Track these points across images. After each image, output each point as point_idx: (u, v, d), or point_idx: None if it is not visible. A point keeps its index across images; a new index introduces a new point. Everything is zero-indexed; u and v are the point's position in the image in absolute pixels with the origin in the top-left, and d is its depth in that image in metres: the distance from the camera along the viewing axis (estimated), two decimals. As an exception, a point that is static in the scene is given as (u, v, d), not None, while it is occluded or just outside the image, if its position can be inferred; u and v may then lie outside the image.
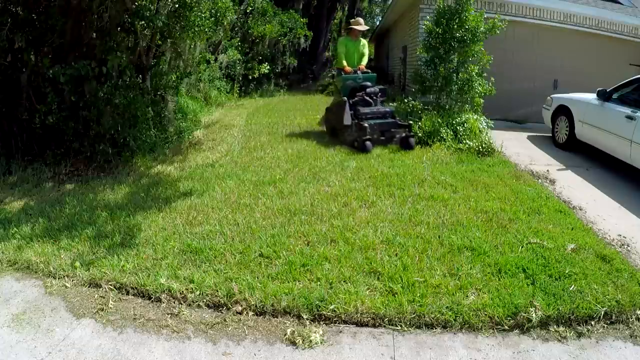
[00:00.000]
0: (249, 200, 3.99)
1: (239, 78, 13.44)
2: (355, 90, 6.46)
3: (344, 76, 6.54)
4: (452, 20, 6.70)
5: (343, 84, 6.51)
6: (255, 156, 5.71)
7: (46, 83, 5.13)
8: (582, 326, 2.36)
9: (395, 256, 2.94)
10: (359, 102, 6.30)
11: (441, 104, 7.14)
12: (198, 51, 7.38)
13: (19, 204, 4.01)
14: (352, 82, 6.49)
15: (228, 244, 3.12)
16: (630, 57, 9.10)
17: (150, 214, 3.69)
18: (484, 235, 3.25)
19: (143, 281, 2.66)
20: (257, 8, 13.20)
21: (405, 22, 11.05)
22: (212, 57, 10.65)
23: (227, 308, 2.48)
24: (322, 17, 20.48)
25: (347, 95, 6.37)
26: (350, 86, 6.48)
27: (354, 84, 6.48)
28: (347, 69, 6.59)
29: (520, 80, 9.00)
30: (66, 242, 3.17)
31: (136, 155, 5.47)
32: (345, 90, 6.45)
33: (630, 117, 4.85)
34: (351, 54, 6.82)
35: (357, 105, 6.27)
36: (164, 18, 5.65)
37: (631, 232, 3.58)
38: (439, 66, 6.91)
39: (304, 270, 2.76)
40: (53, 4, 5.26)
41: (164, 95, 6.85)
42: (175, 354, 2.15)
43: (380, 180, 4.58)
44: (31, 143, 5.36)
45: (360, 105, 6.28)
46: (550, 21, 8.82)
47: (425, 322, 2.35)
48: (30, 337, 2.25)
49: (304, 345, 2.20)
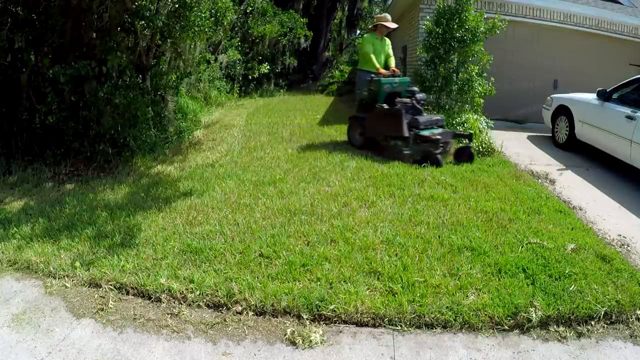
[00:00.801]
0: (249, 200, 3.99)
1: (239, 78, 13.44)
2: (392, 96, 5.70)
3: (383, 80, 5.70)
4: (452, 20, 6.70)
5: (380, 89, 5.66)
6: (255, 156, 5.71)
7: (46, 83, 5.13)
8: (582, 326, 2.36)
9: (395, 256, 2.94)
10: (409, 109, 5.54)
11: (441, 104, 7.14)
12: (198, 51, 7.38)
13: (19, 204, 4.01)
14: (389, 86, 5.72)
15: (228, 244, 3.12)
16: (630, 57, 9.10)
17: (150, 214, 3.69)
18: (484, 235, 3.25)
19: (143, 281, 2.66)
20: (257, 8, 13.20)
21: (405, 22, 11.05)
22: (212, 57, 10.65)
23: (227, 308, 2.48)
24: (322, 17, 20.47)
25: (384, 101, 5.65)
26: (388, 91, 5.69)
27: (391, 89, 5.73)
28: (383, 71, 5.84)
29: (520, 80, 9.00)
30: (66, 242, 3.17)
31: (136, 155, 5.47)
32: (382, 96, 5.67)
33: (630, 117, 4.85)
34: (378, 54, 6.04)
35: (408, 113, 5.50)
36: (164, 18, 5.65)
37: (631, 232, 3.58)
38: (439, 66, 6.91)
39: (304, 270, 2.76)
40: (53, 4, 5.26)
41: (164, 95, 6.84)
42: (175, 354, 2.15)
43: (380, 180, 4.58)
44: (31, 143, 5.36)
45: (412, 114, 5.54)
46: (550, 21, 8.82)
47: (425, 322, 2.35)
48: (30, 337, 2.25)
49: (304, 345, 2.20)
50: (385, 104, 5.60)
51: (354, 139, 6.28)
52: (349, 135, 6.42)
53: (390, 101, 5.64)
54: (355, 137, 6.25)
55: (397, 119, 5.31)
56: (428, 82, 7.21)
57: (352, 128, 6.36)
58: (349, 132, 6.43)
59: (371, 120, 5.79)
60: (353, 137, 6.30)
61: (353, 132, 6.32)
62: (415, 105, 5.61)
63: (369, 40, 6.07)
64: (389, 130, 5.46)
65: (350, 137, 6.37)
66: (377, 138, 5.75)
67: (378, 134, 5.70)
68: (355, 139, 6.24)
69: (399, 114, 5.31)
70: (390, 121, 5.42)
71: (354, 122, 6.32)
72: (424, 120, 5.47)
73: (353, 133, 6.31)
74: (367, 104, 5.95)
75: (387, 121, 5.49)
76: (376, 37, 6.10)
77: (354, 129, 6.30)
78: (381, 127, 5.61)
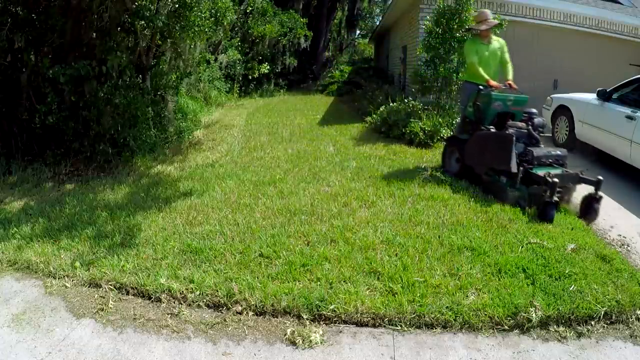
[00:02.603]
0: (249, 200, 3.99)
1: (239, 78, 13.46)
2: (503, 117, 4.54)
3: (494, 95, 4.43)
4: (452, 20, 6.70)
5: (488, 106, 4.45)
6: (255, 156, 5.71)
7: (46, 83, 5.13)
8: (582, 326, 2.36)
9: (395, 256, 2.94)
10: (522, 137, 4.31)
11: (441, 104, 7.14)
12: (198, 51, 7.38)
13: (19, 204, 4.01)
14: (500, 104, 4.45)
15: (228, 244, 3.12)
16: (630, 57, 9.10)
17: (150, 214, 3.69)
18: (484, 235, 3.25)
19: (143, 281, 2.66)
20: (257, 8, 13.22)
21: (405, 22, 11.05)
22: (212, 57, 10.66)
23: (227, 308, 2.48)
24: (322, 17, 20.48)
25: (491, 123, 4.49)
26: (498, 110, 4.47)
27: (502, 108, 4.48)
28: (494, 83, 4.53)
29: (520, 80, 8.95)
30: (66, 242, 3.17)
31: (136, 155, 5.47)
32: (490, 115, 4.49)
33: (630, 117, 4.85)
34: (485, 62, 4.74)
35: (519, 142, 4.25)
36: (164, 18, 5.65)
37: (631, 232, 3.58)
38: (439, 66, 6.91)
39: (304, 270, 2.76)
40: (53, 4, 5.27)
41: (164, 95, 6.85)
42: (175, 354, 2.15)
43: (380, 180, 4.58)
44: (31, 143, 5.36)
45: (525, 143, 4.29)
46: (550, 21, 8.83)
47: (425, 322, 2.34)
48: (30, 337, 2.25)
49: (304, 345, 2.20)
50: (492, 126, 4.41)
51: (449, 164, 4.99)
52: (444, 159, 5.12)
53: (499, 123, 4.49)
54: (451, 162, 4.97)
55: (505, 147, 4.03)
56: (428, 82, 7.22)
57: (448, 151, 5.07)
58: (444, 156, 5.13)
59: (472, 145, 4.47)
60: (448, 163, 5.03)
61: (449, 156, 5.03)
62: (531, 133, 4.34)
63: (471, 47, 4.80)
64: (493, 161, 4.20)
65: (445, 162, 5.09)
66: (476, 169, 4.45)
67: (478, 163, 4.39)
68: (451, 166, 4.95)
69: (509, 142, 4.03)
70: (496, 149, 4.14)
71: (451, 144, 5.03)
72: (541, 154, 4.17)
73: (449, 157, 5.04)
74: (470, 123, 4.76)
75: (491, 149, 4.21)
76: (480, 42, 4.80)
77: (450, 153, 5.02)
78: (483, 155, 4.31)
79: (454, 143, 4.96)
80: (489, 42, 4.81)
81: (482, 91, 4.49)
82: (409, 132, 6.52)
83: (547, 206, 3.62)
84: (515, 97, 4.56)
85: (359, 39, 28.83)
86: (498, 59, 4.84)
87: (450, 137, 5.28)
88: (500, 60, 4.86)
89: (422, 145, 6.30)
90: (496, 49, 4.83)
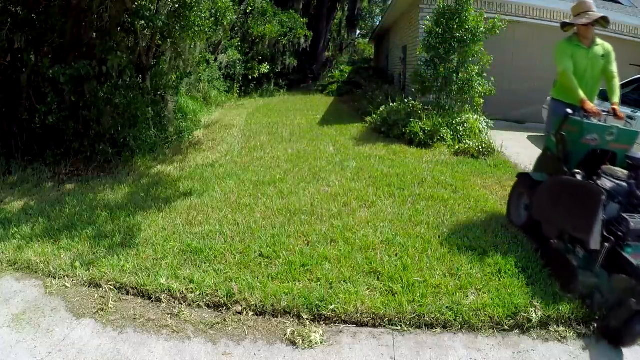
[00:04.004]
0: (249, 200, 3.99)
1: (239, 78, 13.46)
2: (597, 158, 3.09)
3: (588, 123, 3.06)
4: (452, 20, 6.71)
5: (577, 139, 3.07)
6: (255, 156, 5.71)
7: (46, 83, 5.14)
8: (582, 326, 2.36)
9: (395, 256, 2.94)
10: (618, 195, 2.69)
11: (441, 104, 7.14)
12: (198, 51, 7.39)
13: (19, 204, 4.01)
14: (596, 138, 3.03)
15: (228, 244, 3.12)
16: (630, 57, 9.09)
17: (150, 214, 3.69)
18: (484, 235, 3.25)
19: (143, 281, 2.66)
20: (257, 8, 13.24)
21: (405, 22, 11.05)
22: (212, 57, 10.66)
23: (227, 308, 2.48)
24: (322, 17, 20.49)
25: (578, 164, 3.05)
26: (592, 146, 3.06)
27: (599, 143, 3.05)
28: (591, 106, 3.13)
29: (520, 80, 9.01)
30: (66, 242, 3.17)
31: (136, 155, 5.47)
32: (578, 153, 3.10)
33: (630, 117, 4.84)
34: (581, 73, 3.41)
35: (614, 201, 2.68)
36: (164, 18, 5.66)
37: (631, 232, 3.56)
38: (439, 66, 6.92)
39: (304, 270, 2.76)
40: (53, 4, 5.27)
41: (164, 95, 6.85)
42: (175, 354, 2.15)
43: (380, 180, 4.58)
44: (31, 143, 5.36)
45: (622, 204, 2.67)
46: (550, 21, 8.83)
47: (425, 322, 2.34)
48: (30, 337, 2.25)
49: (304, 345, 2.20)
50: (578, 169, 2.97)
51: (515, 212, 3.58)
52: (509, 204, 3.68)
53: (591, 167, 3.03)
54: (519, 210, 3.56)
55: (589, 207, 2.57)
56: (428, 82, 7.22)
57: (516, 193, 3.63)
58: (511, 200, 3.68)
59: (543, 192, 3.10)
60: (514, 209, 3.61)
61: (517, 201, 3.59)
62: (633, 191, 2.65)
63: (565, 50, 3.43)
64: (567, 222, 2.77)
65: (511, 208, 3.66)
66: (544, 227, 3.02)
67: (548, 221, 3.00)
68: (517, 214, 3.56)
69: (595, 199, 2.56)
70: (575, 207, 2.73)
71: (522, 184, 3.55)
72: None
73: (517, 202, 3.59)
74: (552, 158, 3.33)
75: (569, 204, 2.81)
76: (578, 44, 3.44)
77: (518, 195, 3.59)
78: (556, 210, 2.92)
79: (526, 183, 3.46)
80: (590, 46, 3.43)
81: (571, 116, 3.06)
82: (409, 132, 6.53)
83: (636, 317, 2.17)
84: (619, 129, 3.06)
85: (359, 39, 28.85)
86: (600, 70, 3.44)
87: (521, 174, 3.66)
88: (604, 72, 3.44)
89: (422, 145, 6.30)
90: (598, 56, 3.41)
